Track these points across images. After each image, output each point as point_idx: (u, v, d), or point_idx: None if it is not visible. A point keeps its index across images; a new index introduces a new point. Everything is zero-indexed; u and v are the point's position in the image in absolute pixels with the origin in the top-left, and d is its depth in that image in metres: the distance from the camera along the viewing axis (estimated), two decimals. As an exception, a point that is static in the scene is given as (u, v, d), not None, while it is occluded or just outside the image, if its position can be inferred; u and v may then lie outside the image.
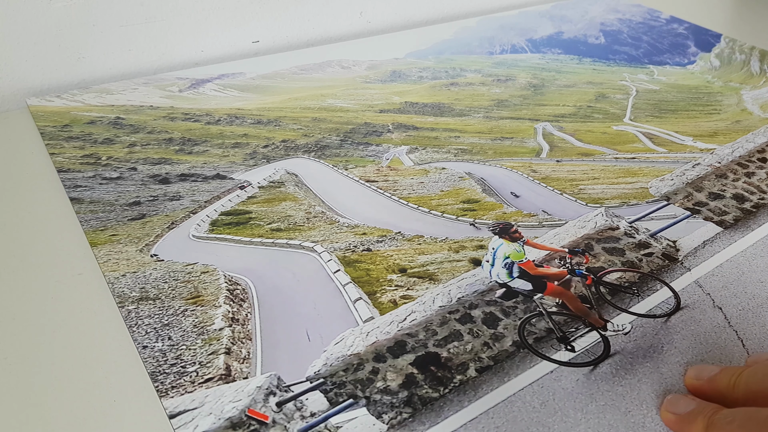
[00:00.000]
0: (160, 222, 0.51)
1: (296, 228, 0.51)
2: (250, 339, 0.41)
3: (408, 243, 0.50)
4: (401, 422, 0.36)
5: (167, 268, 0.46)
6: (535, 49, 0.88)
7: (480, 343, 0.41)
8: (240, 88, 0.73)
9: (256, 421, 0.35)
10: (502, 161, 0.63)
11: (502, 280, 0.45)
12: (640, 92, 0.78)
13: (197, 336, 0.41)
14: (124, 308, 0.42)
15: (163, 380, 0.37)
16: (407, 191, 0.57)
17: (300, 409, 0.36)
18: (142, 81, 0.71)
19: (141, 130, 0.63)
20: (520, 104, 0.74)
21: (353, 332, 0.41)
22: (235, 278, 0.46)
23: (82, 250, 0.47)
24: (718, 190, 0.56)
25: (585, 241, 0.50)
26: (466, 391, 0.38)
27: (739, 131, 0.67)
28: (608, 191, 0.57)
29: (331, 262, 0.48)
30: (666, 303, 0.44)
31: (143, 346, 0.40)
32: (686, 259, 0.48)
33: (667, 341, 0.41)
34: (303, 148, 0.62)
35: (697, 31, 0.94)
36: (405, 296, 0.45)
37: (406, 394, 0.37)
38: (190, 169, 0.58)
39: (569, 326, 0.42)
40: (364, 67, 0.79)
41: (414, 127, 0.68)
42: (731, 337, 0.42)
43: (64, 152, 0.58)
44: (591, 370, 0.39)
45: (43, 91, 0.67)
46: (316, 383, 0.38)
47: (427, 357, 0.40)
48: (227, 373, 0.38)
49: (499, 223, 0.51)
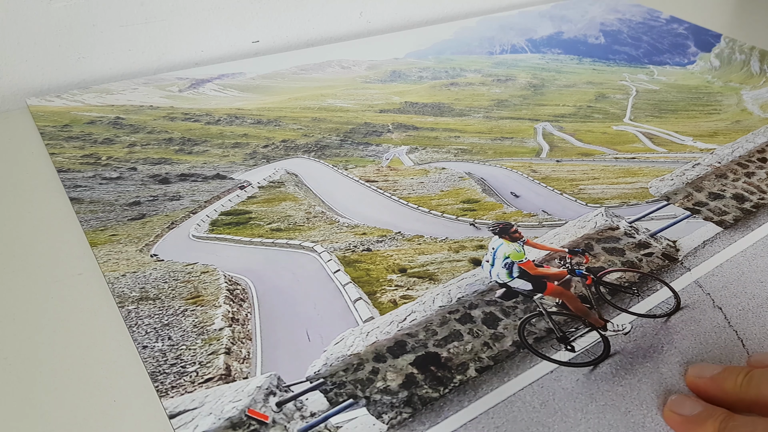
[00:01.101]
0: (160, 222, 0.51)
1: (296, 228, 0.51)
2: (250, 339, 0.41)
3: (408, 243, 0.50)
4: (401, 422, 0.36)
5: (167, 268, 0.46)
6: (535, 49, 0.88)
7: (480, 343, 0.41)
8: (240, 88, 0.73)
9: (256, 421, 0.35)
10: (502, 161, 0.63)
11: (502, 280, 0.45)
12: (640, 92, 0.78)
13: (197, 336, 0.41)
14: (124, 308, 0.42)
15: (163, 380, 0.37)
16: (407, 191, 0.57)
17: (300, 409, 0.36)
18: (142, 81, 0.71)
19: (141, 130, 0.63)
20: (520, 104, 0.74)
21: (353, 332, 0.41)
22: (235, 278, 0.46)
23: (82, 250, 0.47)
24: (718, 190, 0.56)
25: (585, 241, 0.50)
26: (466, 391, 0.38)
27: (739, 131, 0.67)
28: (608, 191, 0.57)
29: (331, 262, 0.48)
30: (666, 303, 0.44)
31: (143, 346, 0.40)
32: (686, 259, 0.48)
33: (667, 341, 0.41)
34: (303, 148, 0.62)
35: (696, 31, 0.94)
36: (405, 296, 0.45)
37: (406, 394, 0.37)
38: (190, 169, 0.58)
39: (569, 326, 0.42)
40: (364, 67, 0.79)
41: (414, 127, 0.68)
42: (731, 337, 0.42)
43: (64, 152, 0.58)
44: (591, 370, 0.39)
45: (43, 91, 0.67)
46: (316, 383, 0.38)
47: (427, 357, 0.40)
48: (227, 373, 0.38)
49: (499, 223, 0.51)
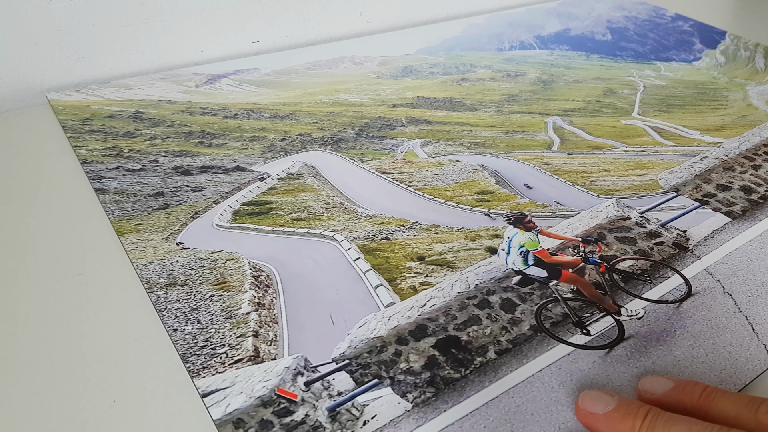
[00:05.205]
0: (183, 212, 0.52)
1: (316, 218, 0.53)
2: (276, 323, 0.42)
3: (425, 232, 0.52)
4: (425, 401, 0.37)
5: (193, 255, 0.48)
6: (543, 46, 0.90)
7: (498, 327, 0.42)
8: (255, 84, 0.74)
9: (286, 400, 0.37)
10: (515, 154, 0.64)
11: (517, 267, 0.47)
12: (648, 88, 0.80)
13: (225, 320, 0.42)
14: (153, 293, 0.44)
15: (194, 361, 0.39)
16: (422, 183, 0.59)
17: (327, 389, 0.38)
18: (159, 76, 0.72)
19: (160, 123, 0.64)
20: (531, 99, 0.75)
21: (375, 317, 0.43)
22: (259, 265, 0.47)
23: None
24: (725, 182, 0.58)
25: (597, 231, 0.51)
26: (487, 372, 0.39)
27: (746, 125, 0.69)
28: (619, 183, 0.58)
29: (351, 250, 0.49)
30: (677, 289, 0.46)
31: (173, 329, 0.41)
32: (696, 248, 0.50)
33: (679, 325, 0.43)
34: (319, 141, 0.64)
35: (701, 28, 0.96)
36: (424, 283, 0.46)
37: (429, 375, 0.39)
38: (210, 161, 0.60)
39: (584, 311, 0.44)
40: (376, 63, 0.81)
41: (427, 121, 0.70)
42: (741, 321, 0.43)
43: (86, 145, 0.59)
44: (607, 353, 0.41)
45: (42, 91, 0.68)
46: (342, 364, 0.39)
47: (447, 340, 0.41)
48: (256, 354, 0.39)
49: (513, 214, 0.53)
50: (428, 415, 0.36)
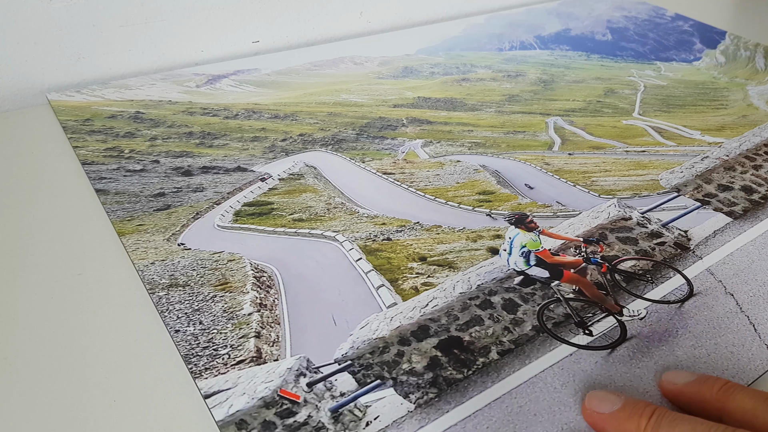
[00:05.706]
0: (185, 212, 0.52)
1: (317, 218, 0.53)
2: (278, 323, 0.42)
3: (427, 233, 0.52)
4: (428, 402, 0.37)
5: (194, 256, 0.48)
6: (543, 46, 0.90)
7: (501, 328, 0.42)
8: (255, 84, 0.74)
9: (288, 401, 0.37)
10: (516, 154, 0.64)
11: (519, 268, 0.47)
12: (648, 88, 0.80)
13: (227, 320, 0.42)
14: (155, 294, 0.44)
15: (197, 362, 0.39)
16: (424, 183, 0.59)
17: (330, 389, 0.38)
18: (159, 77, 0.72)
19: (161, 124, 0.64)
20: (531, 99, 0.75)
21: (377, 317, 0.43)
22: (260, 266, 0.47)
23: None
24: (726, 182, 0.58)
25: (599, 231, 0.51)
26: (489, 373, 0.39)
27: (746, 125, 0.69)
28: (620, 183, 0.58)
29: (353, 250, 0.49)
30: (679, 290, 0.46)
31: (175, 330, 0.41)
32: (698, 248, 0.50)
33: (681, 326, 0.43)
34: (320, 141, 0.64)
35: (701, 28, 0.96)
36: (426, 283, 0.46)
37: (431, 376, 0.39)
38: (211, 161, 0.60)
39: (586, 312, 0.44)
40: (376, 63, 0.81)
41: (428, 121, 0.70)
42: (743, 321, 0.43)
43: (87, 145, 0.59)
44: (609, 353, 0.41)
45: (42, 91, 0.68)
46: (344, 365, 0.39)
47: (450, 340, 0.41)
48: (258, 355, 0.39)
49: (514, 214, 0.53)
50: (431, 416, 0.36)
